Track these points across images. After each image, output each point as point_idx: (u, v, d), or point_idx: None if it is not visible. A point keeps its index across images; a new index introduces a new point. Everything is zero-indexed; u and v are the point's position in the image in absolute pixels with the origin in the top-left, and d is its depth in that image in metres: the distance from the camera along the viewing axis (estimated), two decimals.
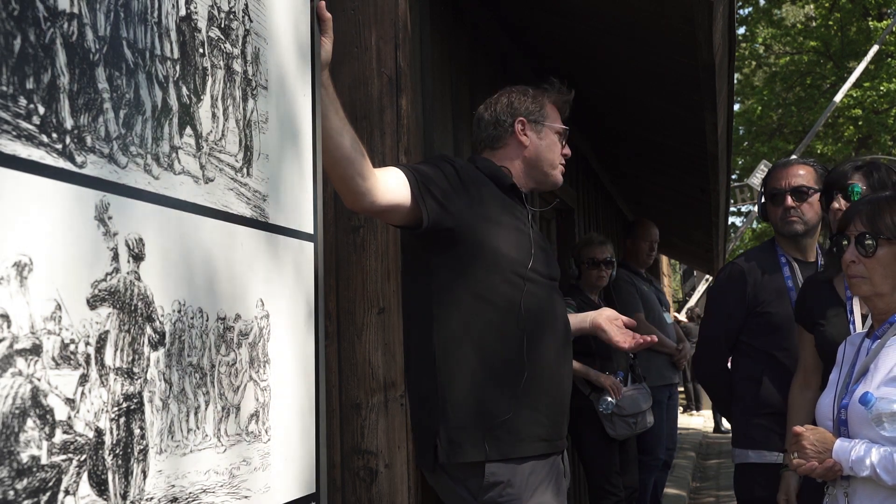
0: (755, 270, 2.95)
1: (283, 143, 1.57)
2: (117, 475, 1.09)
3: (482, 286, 2.08)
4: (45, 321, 0.98)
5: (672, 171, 6.66)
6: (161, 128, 1.22)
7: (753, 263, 2.98)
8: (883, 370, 1.99)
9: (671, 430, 5.58)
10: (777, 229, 2.99)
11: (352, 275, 2.18)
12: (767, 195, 2.98)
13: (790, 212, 2.91)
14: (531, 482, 2.05)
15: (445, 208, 2.03)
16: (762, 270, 2.94)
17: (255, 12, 1.50)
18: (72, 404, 1.01)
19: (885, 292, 2.05)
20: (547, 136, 2.30)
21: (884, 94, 16.81)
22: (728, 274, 3.05)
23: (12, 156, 0.95)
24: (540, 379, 2.10)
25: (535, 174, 2.30)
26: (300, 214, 1.62)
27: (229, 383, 1.36)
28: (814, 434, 2.01)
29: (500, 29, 3.86)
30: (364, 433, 2.16)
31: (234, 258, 1.40)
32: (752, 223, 19.16)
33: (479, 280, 2.08)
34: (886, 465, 1.88)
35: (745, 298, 2.93)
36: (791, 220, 2.91)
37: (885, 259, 2.03)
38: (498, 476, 2.03)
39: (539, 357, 2.10)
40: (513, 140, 2.28)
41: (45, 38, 1.00)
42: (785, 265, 2.94)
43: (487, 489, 2.03)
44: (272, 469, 1.47)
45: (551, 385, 2.14)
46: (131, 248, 1.14)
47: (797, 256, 2.96)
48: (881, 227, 2.03)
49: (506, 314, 2.08)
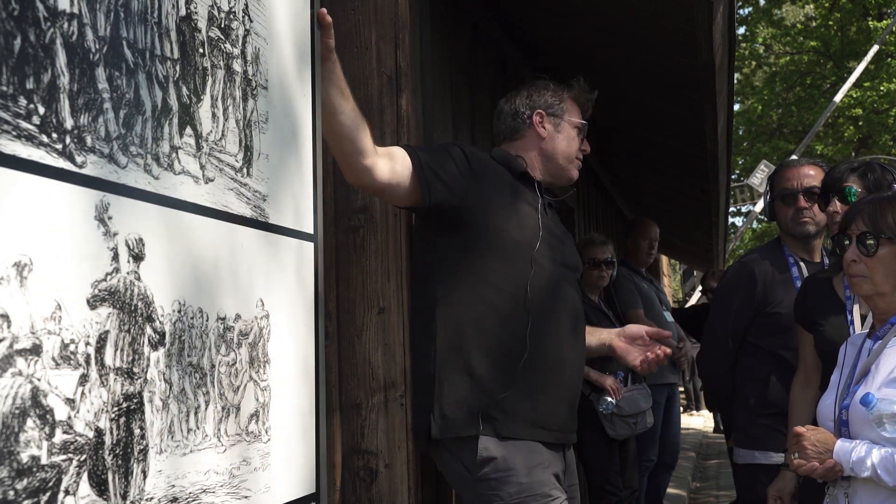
0: (765, 270, 2.93)
1: (283, 143, 1.57)
2: (117, 475, 1.09)
3: (486, 267, 2.08)
4: (45, 321, 0.98)
5: (672, 171, 6.66)
6: (161, 128, 1.22)
7: (763, 263, 2.96)
8: (884, 371, 1.99)
9: (674, 431, 5.54)
10: (787, 230, 2.97)
11: (352, 275, 2.18)
12: (777, 195, 2.96)
13: (802, 212, 2.90)
14: (529, 460, 2.04)
15: (449, 188, 2.04)
16: (771, 270, 2.93)
17: (255, 12, 1.50)
18: (72, 404, 1.01)
19: (886, 292, 2.06)
20: (565, 130, 2.31)
21: (884, 94, 16.81)
22: (737, 273, 3.02)
23: (12, 156, 0.95)
24: (541, 364, 2.09)
25: (551, 167, 2.31)
26: (300, 214, 1.62)
27: (229, 383, 1.36)
28: (815, 434, 2.01)
29: (500, 29, 3.86)
30: (364, 433, 2.16)
31: (234, 258, 1.40)
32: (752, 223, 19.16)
33: (484, 261, 2.09)
34: (887, 466, 1.88)
35: (753, 298, 2.91)
36: (803, 220, 2.90)
37: (886, 258, 2.03)
38: (491, 451, 2.02)
39: (541, 342, 2.09)
40: (531, 132, 2.30)
41: (45, 38, 1.00)
42: (793, 265, 2.93)
43: (482, 465, 2.02)
44: (272, 469, 1.47)
45: (554, 373, 2.13)
46: (131, 248, 1.14)
47: (804, 257, 2.96)
48: (882, 227, 2.04)
49: (510, 296, 2.08)
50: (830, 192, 2.63)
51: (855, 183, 2.58)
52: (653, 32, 3.70)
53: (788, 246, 3.00)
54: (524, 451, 2.04)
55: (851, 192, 2.56)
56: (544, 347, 2.10)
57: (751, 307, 2.93)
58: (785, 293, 2.87)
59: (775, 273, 2.92)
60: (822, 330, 2.57)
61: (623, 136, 6.10)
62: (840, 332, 2.45)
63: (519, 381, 2.05)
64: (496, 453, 2.03)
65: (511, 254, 2.10)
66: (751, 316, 2.93)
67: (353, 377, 2.17)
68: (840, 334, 2.42)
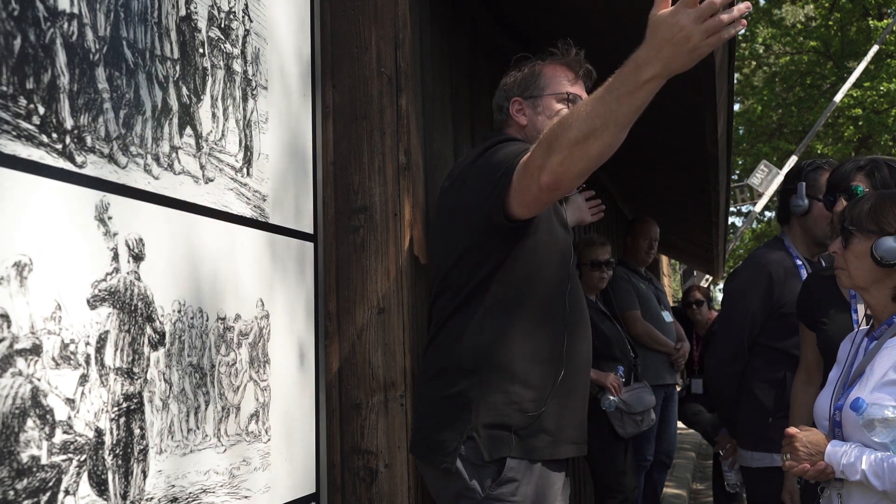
0: (779, 271, 2.91)
1: (283, 143, 1.57)
2: (117, 475, 1.09)
3: (535, 280, 2.02)
4: (45, 321, 0.98)
5: (672, 171, 6.66)
6: (161, 128, 1.22)
7: (777, 264, 2.92)
8: (877, 374, 1.99)
9: (670, 431, 5.56)
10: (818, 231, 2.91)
11: (352, 275, 2.18)
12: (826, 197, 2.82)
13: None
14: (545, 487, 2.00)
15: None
16: (784, 271, 2.91)
17: (255, 12, 1.50)
18: (72, 404, 1.01)
19: (864, 286, 2.07)
20: (547, 107, 2.16)
21: (884, 94, 16.80)
22: (755, 275, 2.95)
23: (12, 156, 0.95)
24: (571, 379, 2.04)
25: None
26: (300, 214, 1.62)
27: (229, 383, 1.36)
28: (807, 436, 2.01)
29: (500, 29, 3.86)
30: (364, 433, 2.16)
31: (234, 258, 1.39)
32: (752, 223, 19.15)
33: (534, 273, 2.02)
34: (877, 471, 1.88)
35: (770, 300, 2.87)
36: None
37: (856, 250, 2.05)
38: (514, 472, 1.97)
39: (574, 357, 2.05)
40: (512, 122, 2.22)
41: (45, 38, 1.00)
42: (801, 266, 2.92)
43: (502, 483, 1.97)
44: (272, 469, 1.47)
45: (580, 385, 2.08)
46: (131, 248, 1.14)
47: (807, 257, 2.95)
48: (855, 220, 2.06)
49: (550, 308, 2.02)
50: (837, 191, 2.61)
51: (862, 181, 2.57)
52: None
53: (795, 246, 2.98)
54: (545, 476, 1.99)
55: (858, 191, 2.54)
56: (576, 362, 2.06)
57: (766, 310, 2.89)
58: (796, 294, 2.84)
59: (788, 274, 2.90)
60: (825, 328, 2.56)
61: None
62: (843, 330, 2.45)
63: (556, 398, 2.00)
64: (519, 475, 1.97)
65: (555, 265, 2.03)
66: (765, 319, 2.91)
67: (353, 377, 2.17)
68: (843, 332, 2.42)
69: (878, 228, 2.03)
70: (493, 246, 1.97)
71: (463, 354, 1.97)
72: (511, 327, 1.96)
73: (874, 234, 2.03)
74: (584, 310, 2.13)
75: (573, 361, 2.03)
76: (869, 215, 2.05)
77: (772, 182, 12.70)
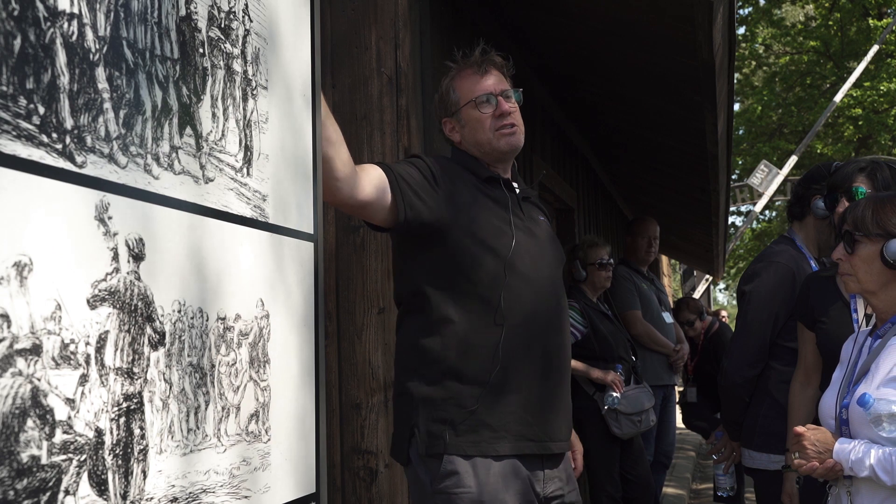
0: (798, 271, 2.87)
1: (283, 143, 1.57)
2: (117, 475, 1.09)
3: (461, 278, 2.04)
4: (45, 321, 0.98)
5: (672, 171, 6.66)
6: (161, 128, 1.22)
7: (795, 264, 2.89)
8: (883, 370, 1.99)
9: (669, 432, 5.56)
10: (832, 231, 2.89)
11: (352, 275, 2.18)
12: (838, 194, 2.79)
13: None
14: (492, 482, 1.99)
15: (424, 201, 2.00)
16: (800, 271, 2.87)
17: (255, 12, 1.50)
18: (72, 404, 1.01)
19: (873, 290, 2.07)
20: (468, 118, 2.17)
21: (884, 94, 16.80)
22: (779, 276, 2.88)
23: (12, 156, 0.95)
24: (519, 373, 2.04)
25: (486, 154, 2.18)
26: (300, 214, 1.62)
27: (229, 383, 1.36)
28: (815, 434, 2.02)
29: (500, 29, 3.86)
30: (364, 433, 2.16)
31: (234, 258, 1.40)
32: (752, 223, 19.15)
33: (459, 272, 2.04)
34: (885, 466, 1.89)
35: (792, 300, 2.82)
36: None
37: (865, 256, 2.05)
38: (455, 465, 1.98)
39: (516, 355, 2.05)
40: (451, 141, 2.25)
41: (45, 38, 1.00)
42: (815, 267, 2.89)
43: (444, 477, 1.99)
44: (272, 469, 1.47)
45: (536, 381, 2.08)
46: (131, 248, 1.14)
47: (816, 256, 2.94)
48: (860, 225, 2.06)
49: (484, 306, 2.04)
50: (838, 192, 2.60)
51: (863, 183, 2.56)
52: (653, 32, 3.70)
53: (806, 245, 2.95)
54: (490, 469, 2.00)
55: (860, 191, 2.53)
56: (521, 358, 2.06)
57: (787, 311, 2.85)
58: None
59: (804, 274, 2.86)
60: (824, 328, 2.56)
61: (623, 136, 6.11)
62: (843, 330, 2.44)
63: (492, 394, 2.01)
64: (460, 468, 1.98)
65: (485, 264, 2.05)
66: (787, 319, 2.86)
67: (353, 377, 2.17)
68: (843, 332, 2.41)
69: (883, 231, 2.03)
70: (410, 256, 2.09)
71: (408, 356, 2.08)
72: (444, 327, 2.04)
73: (881, 238, 2.04)
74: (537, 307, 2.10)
75: (515, 357, 2.03)
76: (873, 220, 2.05)
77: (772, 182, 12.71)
